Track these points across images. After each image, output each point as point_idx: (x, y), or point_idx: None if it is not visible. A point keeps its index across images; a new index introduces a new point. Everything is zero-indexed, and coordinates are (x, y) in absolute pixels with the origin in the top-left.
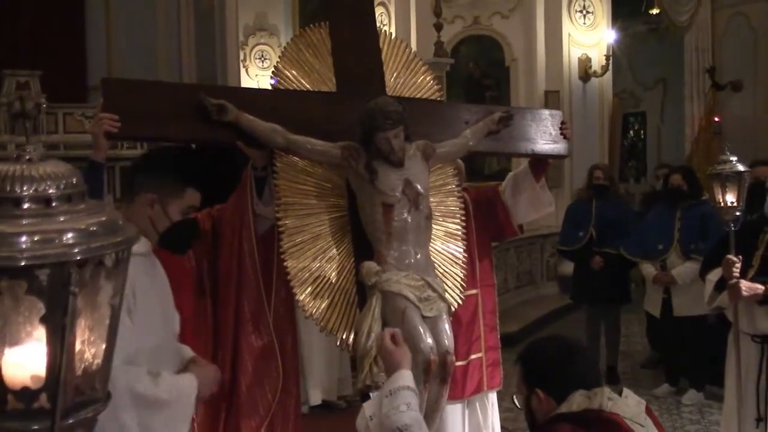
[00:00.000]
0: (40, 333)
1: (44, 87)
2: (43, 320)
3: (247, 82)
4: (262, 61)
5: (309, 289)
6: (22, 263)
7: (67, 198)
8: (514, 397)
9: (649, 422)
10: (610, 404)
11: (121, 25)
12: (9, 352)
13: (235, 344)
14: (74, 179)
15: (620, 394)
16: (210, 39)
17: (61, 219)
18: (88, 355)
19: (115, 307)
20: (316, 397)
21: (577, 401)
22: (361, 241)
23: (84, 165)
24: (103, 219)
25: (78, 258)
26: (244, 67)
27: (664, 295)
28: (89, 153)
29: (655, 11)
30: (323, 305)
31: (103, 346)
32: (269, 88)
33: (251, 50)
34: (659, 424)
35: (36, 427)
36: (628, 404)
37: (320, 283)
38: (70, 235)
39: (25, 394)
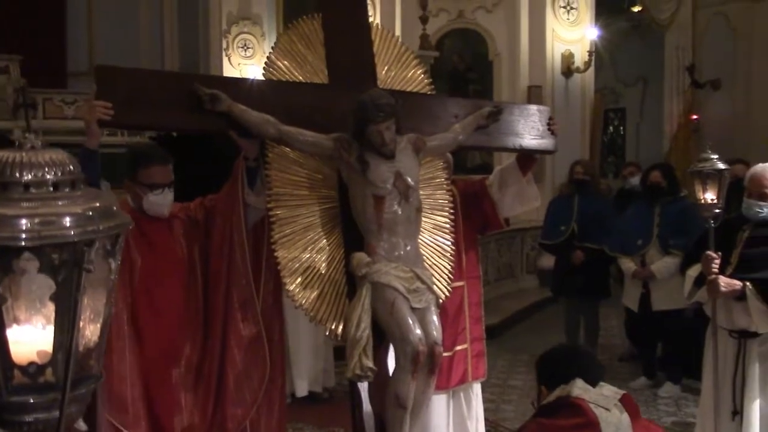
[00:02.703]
0: (48, 310)
1: (23, 72)
2: (53, 298)
3: (229, 70)
4: (245, 50)
5: (299, 279)
6: (22, 244)
7: (65, 184)
8: (533, 401)
9: (616, 409)
10: (579, 392)
11: (103, 9)
12: (17, 329)
13: (224, 333)
14: (72, 166)
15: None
16: (193, 26)
17: (60, 203)
18: (87, 332)
19: (111, 288)
20: (302, 388)
21: (555, 394)
22: (352, 232)
23: (78, 151)
24: (98, 205)
25: (75, 240)
26: (226, 55)
27: (643, 290)
28: (84, 141)
29: (637, 9)
30: (313, 296)
31: (99, 324)
32: (262, 78)
33: (234, 39)
34: (636, 413)
35: (33, 401)
36: (603, 393)
37: (310, 273)
38: (68, 218)
39: (31, 369)
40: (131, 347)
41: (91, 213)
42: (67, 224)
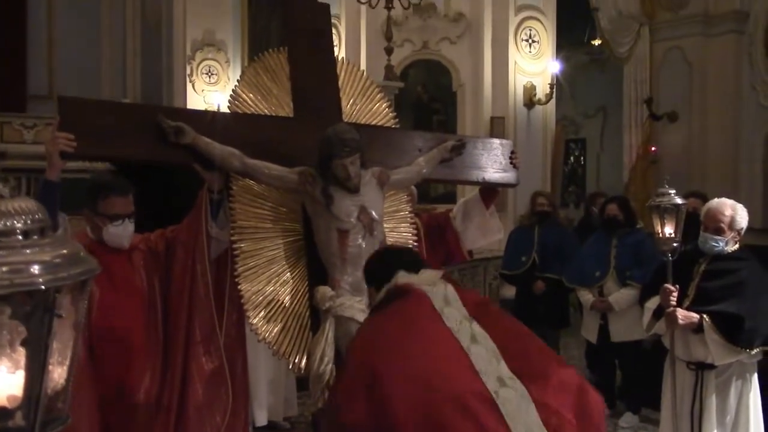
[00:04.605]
0: (19, 355)
1: None
2: (23, 343)
3: (193, 97)
4: (209, 77)
5: (262, 312)
6: None
7: (34, 232)
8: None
9: (441, 283)
10: (404, 279)
11: (64, 32)
12: None
13: (184, 366)
14: (40, 214)
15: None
16: (156, 52)
17: (29, 251)
18: (55, 375)
19: (78, 330)
20: (261, 418)
21: (382, 292)
22: (316, 265)
23: (40, 178)
24: (66, 251)
25: (44, 287)
26: (190, 82)
27: (601, 321)
28: (43, 165)
29: (596, 42)
30: (276, 329)
31: (66, 367)
32: (227, 110)
33: (198, 65)
34: (459, 287)
35: None
36: (425, 276)
37: (274, 307)
38: (36, 266)
39: (1, 414)
40: (88, 381)
41: (59, 260)
42: (37, 272)
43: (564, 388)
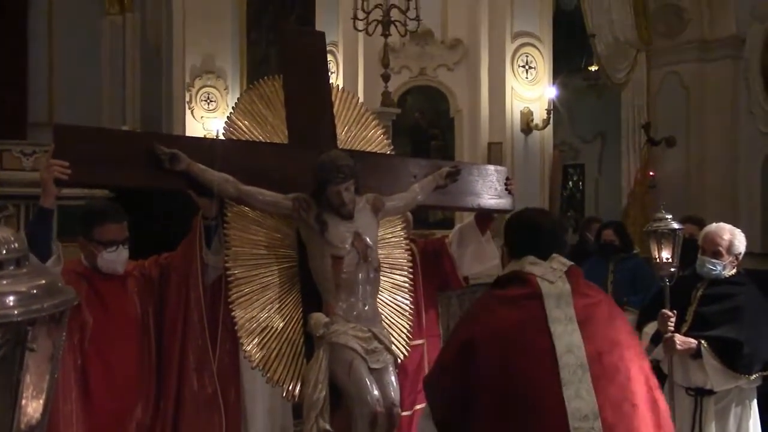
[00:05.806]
0: None
1: None
2: None
3: (192, 123)
4: (208, 104)
5: (256, 339)
6: None
7: (10, 262)
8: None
9: (560, 281)
10: (531, 267)
11: (65, 61)
12: None
13: (177, 394)
14: (18, 244)
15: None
16: (156, 79)
17: (5, 282)
18: (30, 410)
19: (55, 363)
20: None
21: (510, 266)
22: (310, 291)
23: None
24: (43, 282)
25: (19, 319)
26: (189, 108)
27: None
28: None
29: (593, 68)
30: (270, 356)
31: (42, 401)
32: (222, 137)
33: (197, 92)
34: (578, 283)
35: None
36: (552, 266)
37: (268, 333)
38: (11, 297)
39: None
40: (80, 411)
41: (35, 291)
42: (11, 303)
43: (640, 404)
